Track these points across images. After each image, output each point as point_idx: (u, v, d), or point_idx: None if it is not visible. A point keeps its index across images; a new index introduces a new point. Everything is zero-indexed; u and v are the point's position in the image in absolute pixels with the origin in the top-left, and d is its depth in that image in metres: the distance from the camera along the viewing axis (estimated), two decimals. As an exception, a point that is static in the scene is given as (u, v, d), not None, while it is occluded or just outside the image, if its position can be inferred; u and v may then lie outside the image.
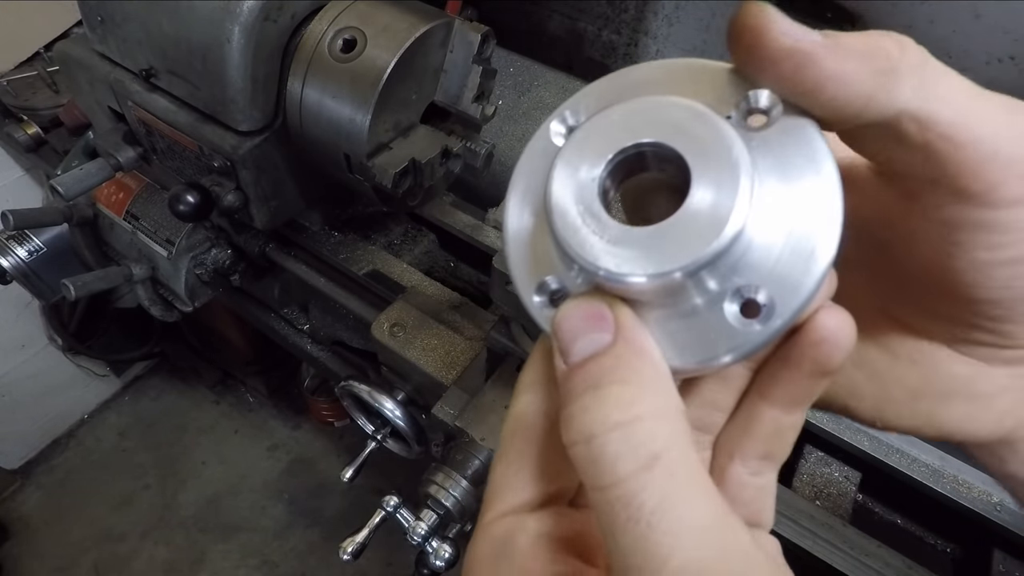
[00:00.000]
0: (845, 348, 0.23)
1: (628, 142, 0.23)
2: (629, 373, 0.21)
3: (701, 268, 0.20)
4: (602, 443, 0.20)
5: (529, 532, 0.25)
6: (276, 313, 1.04)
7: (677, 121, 0.22)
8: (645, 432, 0.20)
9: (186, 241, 1.00)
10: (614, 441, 0.20)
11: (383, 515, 0.77)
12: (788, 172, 0.21)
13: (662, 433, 0.20)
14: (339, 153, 0.69)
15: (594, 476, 0.20)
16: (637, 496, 0.19)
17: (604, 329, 0.21)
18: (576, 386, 0.21)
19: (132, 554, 1.86)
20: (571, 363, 0.22)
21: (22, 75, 1.31)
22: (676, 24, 1.03)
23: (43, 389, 1.91)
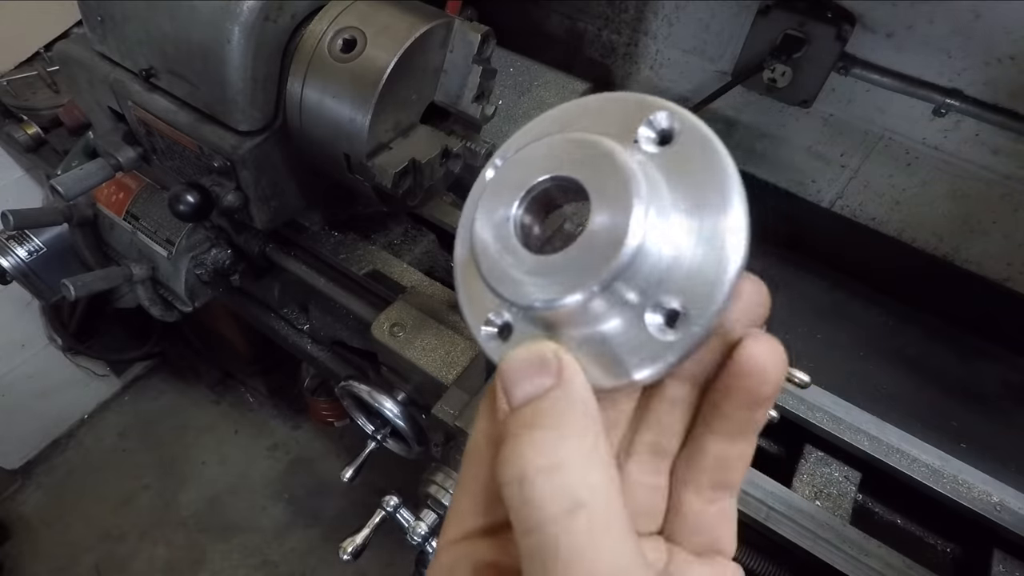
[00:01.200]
0: (773, 379, 0.23)
1: (536, 179, 0.24)
2: (562, 418, 0.21)
3: (606, 285, 0.21)
4: (531, 485, 0.20)
5: (475, 559, 0.25)
6: (276, 313, 1.04)
7: (579, 153, 0.23)
8: (573, 477, 0.20)
9: (186, 241, 1.00)
10: (541, 485, 0.20)
11: (383, 515, 0.77)
12: (692, 184, 0.22)
13: (589, 479, 0.20)
14: (339, 153, 0.69)
15: (522, 518, 0.20)
16: (557, 541, 0.19)
17: (546, 374, 0.22)
18: (512, 427, 0.22)
19: (132, 554, 1.86)
20: (513, 405, 0.22)
21: (22, 75, 1.31)
22: (676, 24, 1.03)
23: (43, 389, 1.91)
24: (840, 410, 0.72)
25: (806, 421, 0.71)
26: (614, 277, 0.21)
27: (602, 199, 0.22)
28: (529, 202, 0.24)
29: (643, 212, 0.21)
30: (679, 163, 0.22)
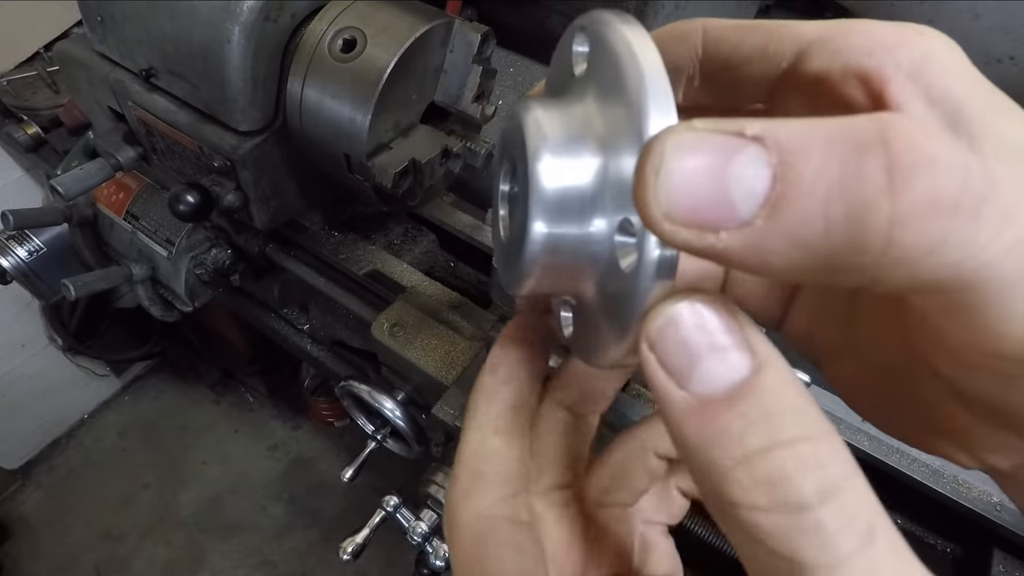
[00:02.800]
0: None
1: (500, 177, 0.24)
2: (807, 422, 0.16)
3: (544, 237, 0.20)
4: (817, 517, 0.15)
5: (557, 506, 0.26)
6: (276, 313, 1.04)
7: (507, 134, 0.23)
8: (856, 500, 0.16)
9: (186, 241, 1.00)
10: (831, 515, 0.15)
11: (383, 515, 0.77)
12: (609, 104, 0.20)
13: (869, 496, 0.16)
14: (339, 153, 0.69)
15: (810, 554, 0.15)
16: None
17: (734, 346, 0.16)
18: (739, 434, 0.16)
19: (132, 554, 1.86)
20: (701, 394, 0.16)
21: (22, 75, 1.31)
22: (676, 24, 1.03)
23: (43, 389, 1.91)
24: (840, 410, 0.72)
25: (806, 421, 0.71)
26: (544, 220, 0.19)
27: (521, 163, 0.21)
28: (505, 199, 0.24)
29: (543, 154, 0.20)
30: (600, 83, 0.21)
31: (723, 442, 0.16)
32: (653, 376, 0.17)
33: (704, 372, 0.16)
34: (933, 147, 0.13)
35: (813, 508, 0.15)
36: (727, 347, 0.16)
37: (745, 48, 0.20)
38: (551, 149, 0.20)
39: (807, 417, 0.16)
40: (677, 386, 0.16)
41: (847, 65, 0.18)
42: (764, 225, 0.14)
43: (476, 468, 0.25)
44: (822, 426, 0.16)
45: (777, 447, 0.15)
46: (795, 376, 0.17)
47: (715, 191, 0.14)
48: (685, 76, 0.22)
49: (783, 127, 0.14)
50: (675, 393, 0.16)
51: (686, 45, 0.21)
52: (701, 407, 0.16)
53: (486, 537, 0.24)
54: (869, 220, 0.13)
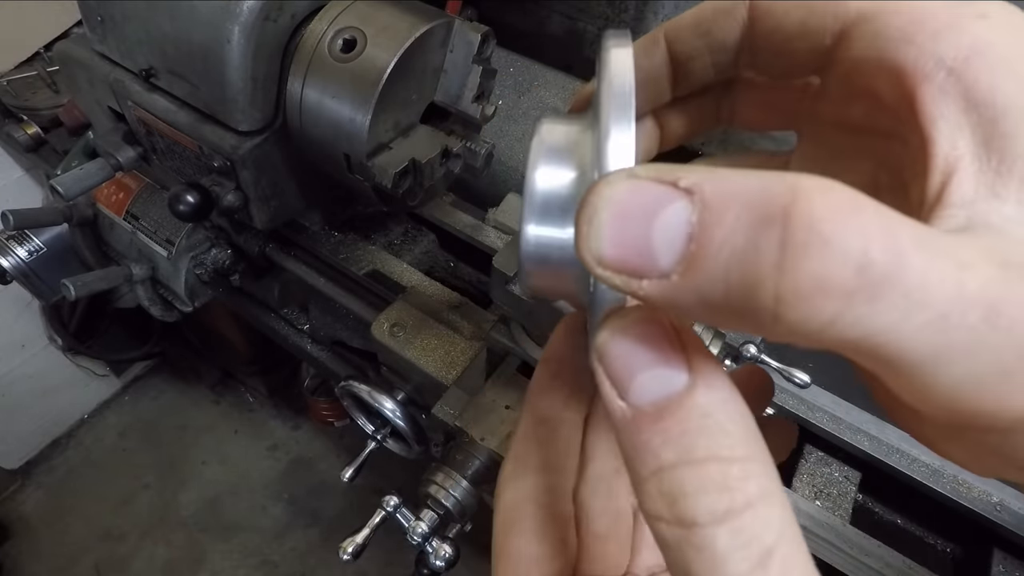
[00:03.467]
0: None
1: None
2: (726, 441, 0.16)
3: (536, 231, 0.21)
4: (710, 535, 0.16)
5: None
6: (276, 313, 1.04)
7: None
8: (758, 522, 0.16)
9: (186, 241, 1.00)
10: (724, 535, 0.16)
11: (383, 515, 0.77)
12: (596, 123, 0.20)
13: (774, 521, 0.16)
14: (339, 153, 0.69)
15: (699, 569, 0.16)
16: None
17: (672, 363, 0.17)
18: (656, 448, 0.16)
19: (132, 554, 1.86)
20: (635, 406, 0.17)
21: (22, 75, 1.31)
22: (676, 24, 1.03)
23: (43, 389, 1.91)
24: (840, 410, 0.72)
25: (806, 421, 0.71)
26: (535, 220, 0.21)
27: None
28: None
29: (541, 161, 0.21)
30: (595, 97, 0.21)
31: (644, 453, 0.17)
32: (600, 385, 0.17)
33: (640, 385, 0.17)
34: (832, 227, 0.13)
35: (704, 526, 0.16)
36: (664, 363, 0.17)
37: (788, 24, 0.20)
38: (546, 156, 0.22)
39: (728, 439, 0.16)
40: (618, 396, 0.17)
41: (882, 55, 0.17)
42: (678, 280, 0.14)
43: (522, 455, 0.26)
44: (743, 449, 0.16)
45: (684, 464, 0.16)
46: (737, 399, 0.17)
47: (640, 242, 0.15)
48: (735, 52, 0.22)
49: (710, 182, 0.14)
50: (615, 403, 0.17)
51: (733, 18, 0.21)
52: (634, 418, 0.17)
53: (518, 520, 0.25)
54: (759, 294, 0.13)
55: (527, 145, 0.23)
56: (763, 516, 0.16)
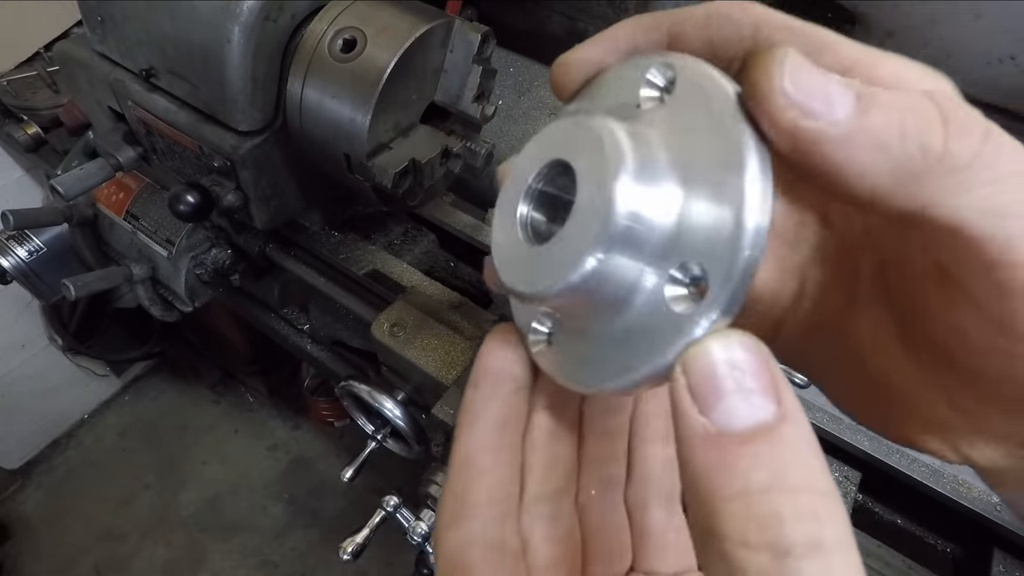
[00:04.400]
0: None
1: (533, 172, 0.23)
2: (815, 477, 0.16)
3: (600, 258, 0.19)
4: (803, 569, 0.15)
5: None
6: (276, 313, 1.04)
7: (572, 134, 0.22)
8: (844, 565, 0.16)
9: (186, 241, 1.00)
10: (815, 570, 0.15)
11: (383, 515, 0.77)
12: (697, 138, 0.19)
13: (855, 566, 0.16)
14: (339, 153, 0.69)
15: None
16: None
17: (766, 392, 0.17)
18: (745, 469, 0.16)
19: (132, 554, 1.85)
20: (721, 425, 0.17)
21: (22, 75, 1.31)
22: (676, 24, 1.03)
23: (43, 389, 1.91)
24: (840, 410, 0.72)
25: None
26: (605, 248, 0.19)
27: (586, 175, 0.20)
28: (534, 197, 0.23)
29: (624, 178, 0.19)
30: (681, 117, 0.20)
31: (728, 473, 0.16)
32: (678, 398, 0.17)
33: (728, 407, 0.17)
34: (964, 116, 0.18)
35: (798, 558, 0.15)
36: (756, 391, 0.17)
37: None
38: (631, 173, 0.19)
39: (816, 473, 0.16)
40: (699, 412, 0.17)
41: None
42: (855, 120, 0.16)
43: (461, 493, 0.24)
44: (828, 485, 0.16)
45: (779, 490, 0.16)
46: (814, 438, 0.17)
47: (820, 88, 0.17)
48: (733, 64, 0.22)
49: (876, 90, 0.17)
50: (695, 417, 0.17)
51: (736, 27, 0.21)
52: (717, 437, 0.17)
53: (466, 567, 0.23)
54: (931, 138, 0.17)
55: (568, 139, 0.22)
56: (849, 559, 0.16)
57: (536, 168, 0.23)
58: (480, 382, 0.25)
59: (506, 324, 0.26)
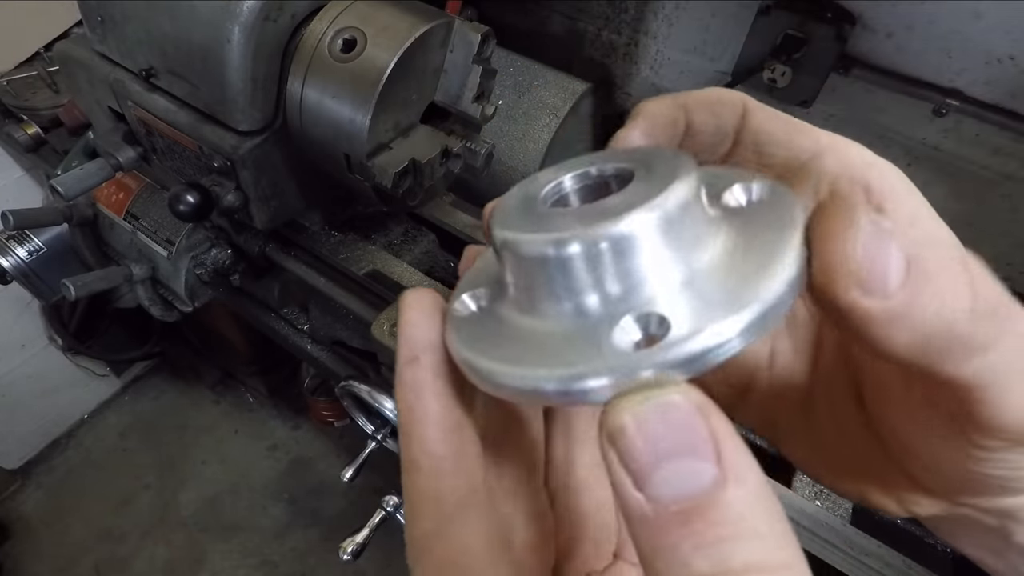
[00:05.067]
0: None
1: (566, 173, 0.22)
2: (764, 549, 0.15)
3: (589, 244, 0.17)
4: None
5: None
6: (276, 313, 1.04)
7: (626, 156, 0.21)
8: None
9: (186, 241, 1.00)
10: None
11: (383, 515, 0.77)
12: (751, 230, 0.19)
13: None
14: (339, 153, 0.69)
15: None
16: None
17: (700, 453, 0.15)
18: (686, 555, 0.15)
19: (132, 554, 1.85)
20: (657, 501, 0.15)
21: (22, 75, 1.31)
22: (676, 24, 1.03)
23: (43, 389, 1.91)
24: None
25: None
26: (601, 239, 0.17)
27: (646, 176, 0.19)
28: (575, 177, 0.22)
29: (683, 189, 0.17)
30: (752, 218, 0.19)
31: (670, 558, 0.15)
32: (612, 471, 0.16)
33: (662, 477, 0.15)
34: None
35: None
36: (691, 452, 0.15)
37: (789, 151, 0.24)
38: (699, 179, 0.19)
39: (766, 543, 0.15)
40: (634, 486, 0.15)
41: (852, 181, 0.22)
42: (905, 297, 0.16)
43: (436, 492, 0.21)
44: (781, 554, 0.15)
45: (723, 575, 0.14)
46: (768, 492, 0.15)
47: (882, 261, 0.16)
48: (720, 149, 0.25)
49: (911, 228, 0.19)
50: (631, 495, 0.15)
51: (727, 115, 0.24)
52: (655, 515, 0.15)
53: (467, 568, 0.21)
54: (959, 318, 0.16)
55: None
56: None
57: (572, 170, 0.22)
58: (422, 357, 0.21)
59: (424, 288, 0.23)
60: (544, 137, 0.95)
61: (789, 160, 0.23)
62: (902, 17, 0.84)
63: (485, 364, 0.19)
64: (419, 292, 0.22)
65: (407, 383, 0.21)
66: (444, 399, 0.21)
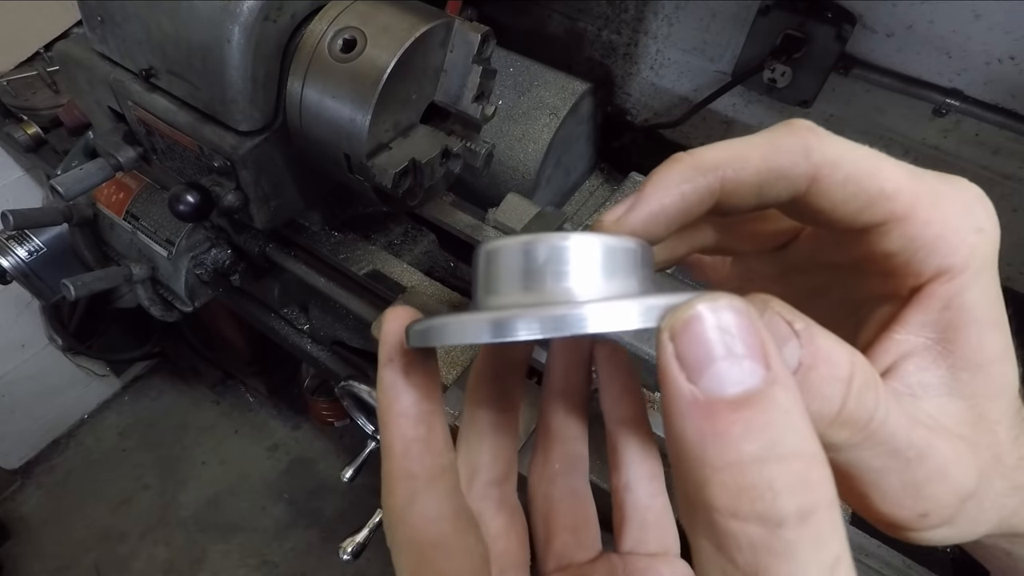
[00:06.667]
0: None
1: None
2: (805, 442, 0.16)
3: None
4: (794, 539, 0.15)
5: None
6: (276, 313, 1.04)
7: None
8: (832, 528, 0.16)
9: (186, 241, 1.00)
10: (807, 539, 0.15)
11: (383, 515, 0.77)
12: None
13: (840, 527, 0.16)
14: (339, 153, 0.69)
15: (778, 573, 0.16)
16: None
17: (755, 357, 0.16)
18: (736, 438, 0.16)
19: (132, 554, 1.86)
20: (710, 392, 0.16)
21: (22, 75, 1.31)
22: (676, 24, 1.03)
23: (43, 389, 1.91)
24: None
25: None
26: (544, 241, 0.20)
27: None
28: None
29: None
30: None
31: (720, 442, 0.16)
32: (666, 365, 0.17)
33: (718, 372, 0.16)
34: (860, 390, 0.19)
35: (791, 528, 0.15)
36: (745, 355, 0.16)
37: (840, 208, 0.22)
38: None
39: (806, 438, 0.16)
40: (687, 379, 0.16)
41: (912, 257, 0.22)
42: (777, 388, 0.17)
43: (408, 470, 0.23)
44: (817, 449, 0.16)
45: (772, 459, 0.15)
46: (800, 400, 0.17)
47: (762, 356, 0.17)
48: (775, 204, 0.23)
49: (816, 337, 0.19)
50: (683, 385, 0.16)
51: (791, 183, 0.22)
52: (707, 404, 0.16)
53: (435, 542, 0.23)
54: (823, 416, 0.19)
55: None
56: (835, 522, 0.16)
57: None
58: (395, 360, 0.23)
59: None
60: (544, 137, 0.95)
61: (847, 230, 0.23)
62: (902, 17, 0.84)
63: (423, 324, 0.21)
64: (398, 308, 0.24)
65: (383, 380, 0.23)
66: (413, 393, 0.23)
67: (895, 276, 0.23)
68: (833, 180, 0.21)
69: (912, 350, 0.22)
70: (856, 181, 0.21)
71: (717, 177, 0.22)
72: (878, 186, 0.21)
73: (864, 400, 0.19)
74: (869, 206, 0.22)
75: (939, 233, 0.21)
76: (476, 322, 0.18)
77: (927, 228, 0.21)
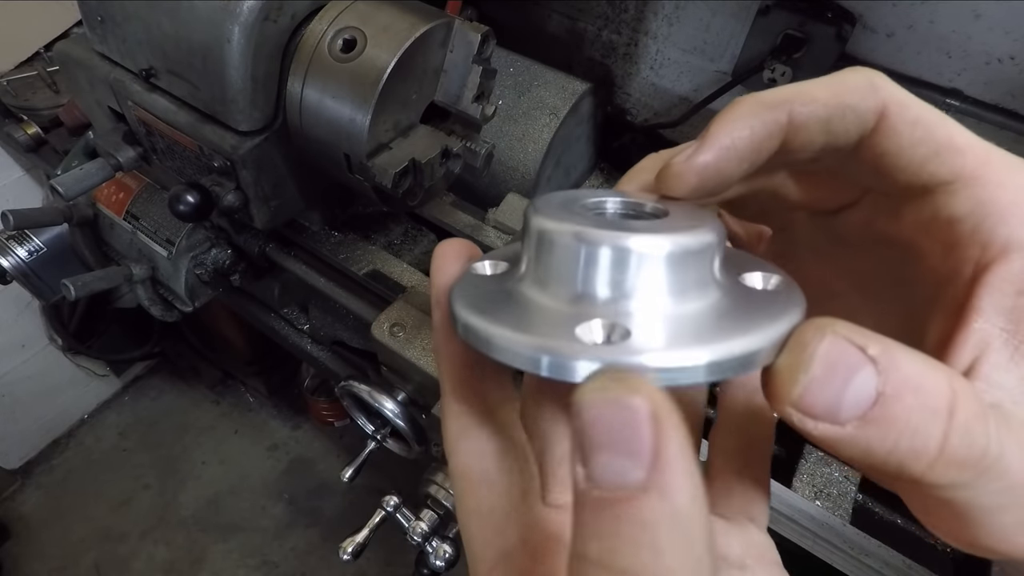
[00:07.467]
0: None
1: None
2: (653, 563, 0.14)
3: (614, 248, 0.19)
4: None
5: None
6: (276, 313, 1.04)
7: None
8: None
9: (186, 241, 1.00)
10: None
11: (383, 515, 0.77)
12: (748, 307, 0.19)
13: None
14: (339, 153, 0.69)
15: None
16: None
17: (636, 454, 0.15)
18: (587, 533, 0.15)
19: (132, 554, 1.85)
20: (590, 479, 0.15)
21: (22, 75, 1.31)
22: (676, 24, 1.03)
23: (43, 389, 1.91)
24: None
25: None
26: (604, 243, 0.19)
27: (678, 220, 0.21)
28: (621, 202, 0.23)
29: (695, 240, 0.19)
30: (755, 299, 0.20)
31: (578, 529, 0.15)
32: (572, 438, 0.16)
33: (599, 463, 0.15)
34: (973, 427, 0.16)
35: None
36: (627, 451, 0.15)
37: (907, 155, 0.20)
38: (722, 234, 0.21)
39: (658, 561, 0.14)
40: (580, 461, 0.15)
41: (979, 223, 0.19)
42: (852, 431, 0.16)
43: (458, 409, 0.24)
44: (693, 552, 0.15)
45: (601, 567, 0.15)
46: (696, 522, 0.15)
47: (832, 397, 0.16)
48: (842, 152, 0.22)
49: (890, 358, 0.16)
50: (575, 466, 0.16)
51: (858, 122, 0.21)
52: (583, 489, 0.15)
53: (479, 476, 0.24)
54: (917, 460, 0.16)
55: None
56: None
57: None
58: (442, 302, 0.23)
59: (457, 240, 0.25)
60: (544, 137, 0.95)
61: (909, 187, 0.21)
62: (902, 17, 0.84)
63: (464, 317, 0.20)
64: (451, 241, 0.24)
65: (435, 323, 0.24)
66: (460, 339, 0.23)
67: (958, 248, 0.20)
68: (902, 118, 0.20)
69: (990, 343, 0.19)
70: (925, 125, 0.20)
71: (785, 111, 0.21)
72: (947, 134, 0.20)
73: (972, 434, 0.16)
74: (937, 154, 0.20)
75: (1014, 199, 0.19)
76: (527, 349, 0.18)
77: (1000, 192, 0.19)
